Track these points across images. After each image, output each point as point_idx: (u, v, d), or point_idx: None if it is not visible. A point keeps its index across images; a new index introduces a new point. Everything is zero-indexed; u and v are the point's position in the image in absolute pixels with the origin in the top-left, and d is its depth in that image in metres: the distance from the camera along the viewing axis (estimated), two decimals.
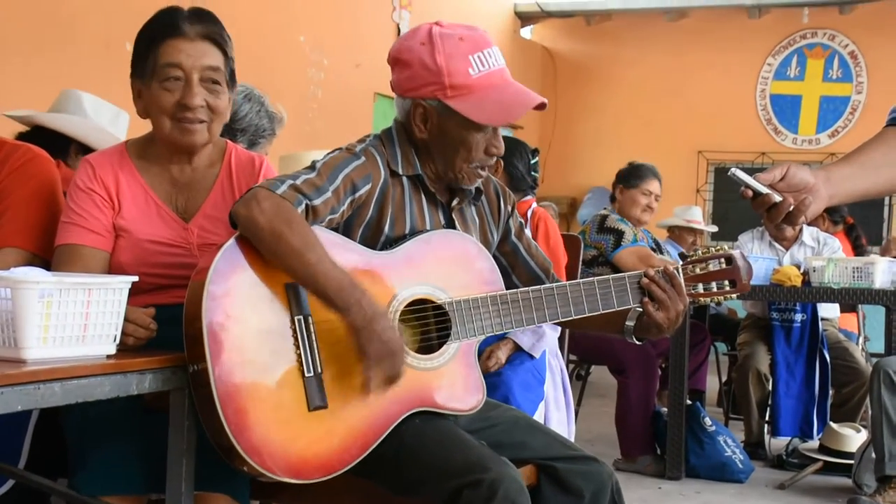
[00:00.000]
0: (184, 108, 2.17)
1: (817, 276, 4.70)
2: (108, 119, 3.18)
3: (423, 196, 2.25)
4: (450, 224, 2.29)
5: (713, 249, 2.33)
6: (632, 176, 5.16)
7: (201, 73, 2.18)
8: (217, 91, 2.21)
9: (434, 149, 2.21)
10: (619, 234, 4.93)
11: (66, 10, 5.40)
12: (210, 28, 2.21)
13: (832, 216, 6.75)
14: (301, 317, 1.99)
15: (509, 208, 2.42)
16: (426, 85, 2.16)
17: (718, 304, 2.35)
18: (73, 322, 1.76)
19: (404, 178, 2.23)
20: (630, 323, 2.30)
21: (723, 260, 2.31)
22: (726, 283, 2.31)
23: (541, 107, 2.18)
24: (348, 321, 1.98)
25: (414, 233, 2.20)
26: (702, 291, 2.30)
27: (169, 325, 2.01)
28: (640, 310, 2.27)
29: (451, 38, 2.15)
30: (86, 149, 2.97)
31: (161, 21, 2.20)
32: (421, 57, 2.16)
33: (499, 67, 2.18)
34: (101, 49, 5.41)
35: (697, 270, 2.30)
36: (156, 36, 2.18)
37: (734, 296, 2.32)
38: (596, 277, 2.26)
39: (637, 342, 2.33)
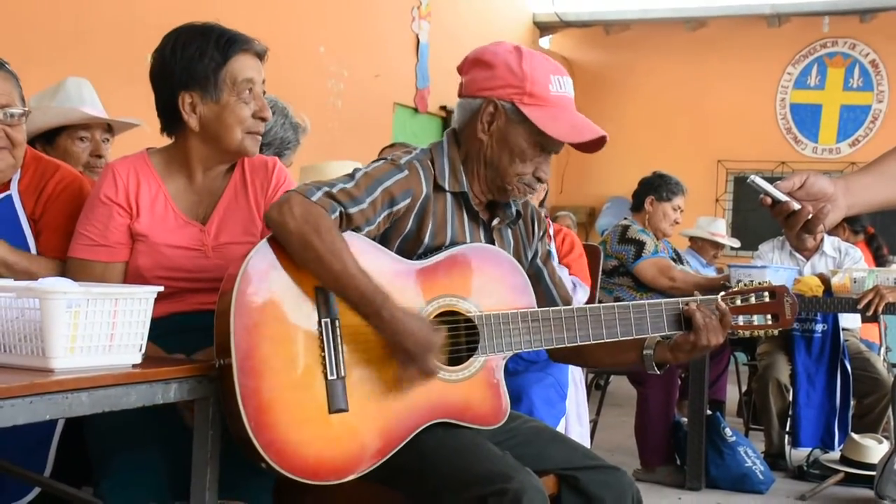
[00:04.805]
0: (261, 120, 2.28)
1: (857, 287, 4.68)
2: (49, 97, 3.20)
3: (465, 213, 2.26)
4: (489, 242, 2.30)
5: (757, 283, 2.28)
6: (665, 189, 5.16)
7: (261, 87, 2.30)
8: None
9: (489, 153, 2.23)
10: (640, 245, 4.93)
11: (86, 23, 5.45)
12: (261, 46, 2.32)
13: (853, 226, 6.71)
14: (328, 320, 2.02)
15: (541, 232, 2.43)
16: (506, 86, 2.19)
17: (757, 337, 2.29)
18: (99, 332, 1.78)
19: (448, 194, 2.24)
20: (649, 352, 2.26)
21: (766, 294, 2.27)
22: (768, 317, 2.27)
23: (602, 140, 2.21)
24: (374, 326, 2.02)
25: (452, 245, 2.21)
26: (741, 324, 2.25)
27: (190, 334, 2.04)
28: (659, 338, 2.24)
29: (537, 55, 2.23)
30: (45, 136, 3.04)
31: (224, 37, 2.26)
32: (507, 60, 2.21)
33: (571, 96, 2.25)
34: (121, 61, 5.45)
35: (738, 302, 2.25)
36: (228, 52, 2.25)
37: (775, 331, 2.27)
38: (631, 302, 2.24)
39: (657, 372, 2.29)
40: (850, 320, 5.43)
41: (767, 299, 2.27)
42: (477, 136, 2.23)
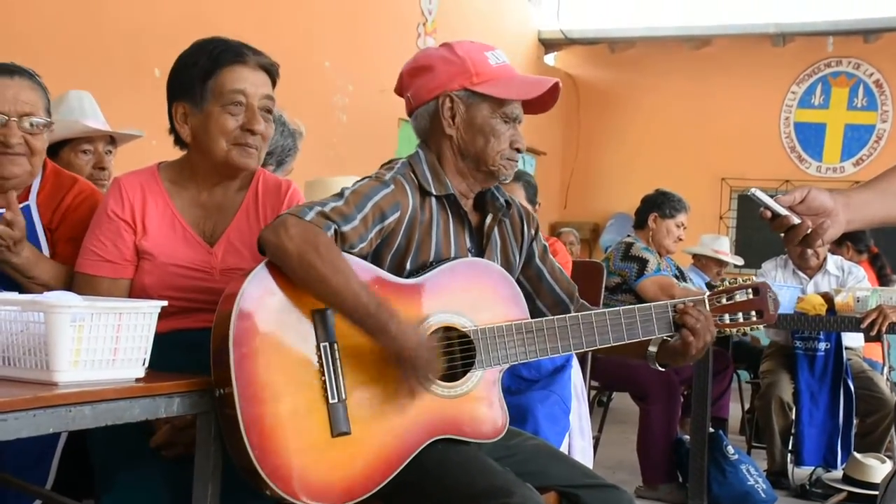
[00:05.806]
0: (248, 133, 2.24)
1: (861, 306, 4.68)
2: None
3: (450, 217, 2.28)
4: (477, 245, 2.31)
5: (740, 280, 2.33)
6: (668, 206, 5.17)
7: (259, 101, 2.25)
8: (269, 120, 2.29)
9: (462, 144, 2.26)
10: (643, 263, 4.94)
11: (97, 36, 5.48)
12: (266, 59, 2.29)
13: (856, 245, 6.69)
14: (326, 343, 2.01)
15: (532, 231, 2.44)
16: (453, 77, 2.24)
17: (744, 334, 2.35)
18: (103, 346, 1.79)
19: (433, 200, 2.25)
20: (653, 349, 2.32)
21: (750, 291, 2.32)
22: (753, 314, 2.32)
23: (555, 90, 2.27)
24: (379, 341, 2.02)
25: (440, 259, 2.22)
26: (728, 322, 2.31)
27: (193, 350, 2.04)
28: (664, 337, 2.28)
29: (465, 42, 2.30)
30: (49, 150, 3.04)
31: (219, 48, 2.25)
32: (443, 55, 2.28)
33: (510, 63, 2.31)
34: (130, 74, 5.48)
35: (724, 301, 2.31)
36: (218, 62, 2.23)
37: (760, 327, 2.32)
38: (622, 307, 2.28)
39: (660, 368, 2.34)
40: (853, 339, 5.43)
41: (751, 296, 2.32)
42: (445, 133, 2.27)
